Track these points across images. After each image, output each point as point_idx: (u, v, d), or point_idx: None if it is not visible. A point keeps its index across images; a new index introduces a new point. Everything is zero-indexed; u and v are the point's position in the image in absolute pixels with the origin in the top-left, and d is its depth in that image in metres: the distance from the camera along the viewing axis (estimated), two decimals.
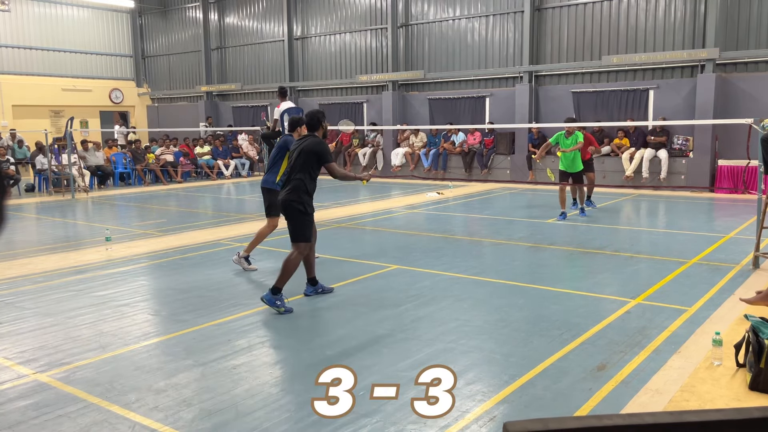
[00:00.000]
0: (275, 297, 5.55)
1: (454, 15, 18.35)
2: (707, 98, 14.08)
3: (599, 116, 15.66)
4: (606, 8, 15.92)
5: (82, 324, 5.34)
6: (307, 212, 5.69)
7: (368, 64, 20.27)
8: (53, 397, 3.88)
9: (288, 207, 5.67)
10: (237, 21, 23.62)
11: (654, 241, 8.78)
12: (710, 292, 6.00)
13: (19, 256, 8.30)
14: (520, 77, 17.24)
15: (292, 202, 5.64)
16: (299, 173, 5.66)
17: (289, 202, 5.65)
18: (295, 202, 5.63)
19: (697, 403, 3.63)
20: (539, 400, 3.74)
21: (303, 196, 5.65)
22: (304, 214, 5.67)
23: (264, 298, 5.57)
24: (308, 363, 4.44)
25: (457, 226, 10.57)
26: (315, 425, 3.46)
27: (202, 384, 4.04)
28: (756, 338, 3.81)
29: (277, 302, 5.55)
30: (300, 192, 5.64)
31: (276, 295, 5.55)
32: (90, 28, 24.84)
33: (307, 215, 5.70)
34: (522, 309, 5.58)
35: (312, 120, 5.85)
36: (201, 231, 10.10)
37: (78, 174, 16.21)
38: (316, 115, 5.87)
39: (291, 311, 5.57)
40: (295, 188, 5.65)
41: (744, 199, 12.42)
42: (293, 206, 5.64)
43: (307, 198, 5.69)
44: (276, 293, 5.55)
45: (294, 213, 5.66)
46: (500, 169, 17.17)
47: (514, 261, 7.65)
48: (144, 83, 26.57)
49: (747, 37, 14.13)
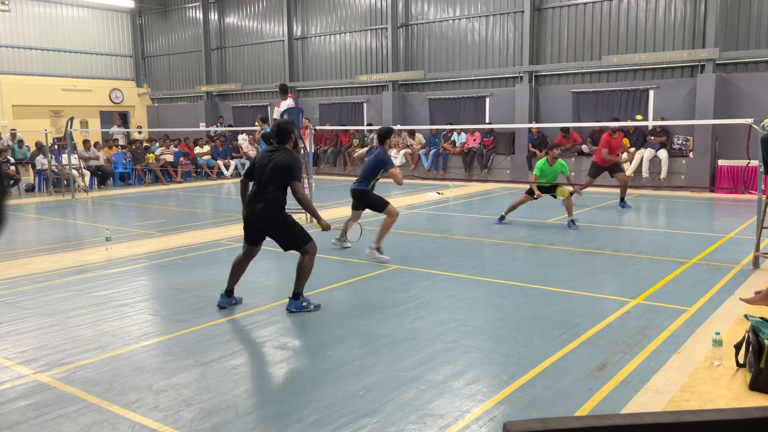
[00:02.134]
0: (300, 301, 5.52)
1: (454, 15, 18.36)
2: (707, 98, 14.09)
3: (599, 116, 15.66)
4: (606, 8, 15.92)
5: (82, 324, 5.34)
6: (290, 219, 5.57)
7: (368, 64, 20.27)
8: (53, 397, 3.88)
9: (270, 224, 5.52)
10: (237, 21, 23.62)
11: (654, 241, 8.78)
12: (710, 292, 6.00)
13: (20, 256, 8.30)
14: (520, 77, 17.24)
15: (273, 217, 5.48)
16: (272, 187, 5.46)
17: (270, 218, 5.48)
18: (276, 216, 5.49)
19: (697, 403, 3.63)
20: (539, 400, 3.74)
21: (280, 211, 5.51)
22: (288, 222, 5.54)
23: (291, 308, 5.52)
24: (308, 363, 4.44)
25: (457, 226, 10.57)
26: (315, 425, 3.46)
27: (202, 384, 4.04)
28: (756, 338, 3.81)
29: (304, 304, 5.53)
30: (277, 208, 5.49)
31: (299, 299, 5.53)
32: (90, 28, 24.84)
33: (292, 221, 5.58)
34: (522, 309, 5.58)
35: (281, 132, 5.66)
36: (201, 231, 10.10)
37: (78, 174, 16.22)
38: (287, 127, 5.73)
39: (320, 306, 5.60)
40: (271, 204, 5.46)
41: (744, 199, 12.42)
42: (275, 221, 5.50)
43: (283, 212, 5.56)
44: (298, 297, 5.54)
45: (279, 227, 5.53)
46: (500, 169, 17.17)
47: (514, 261, 7.65)
48: (144, 83, 26.57)
49: (747, 37, 14.13)
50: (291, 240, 5.57)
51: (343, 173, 19.86)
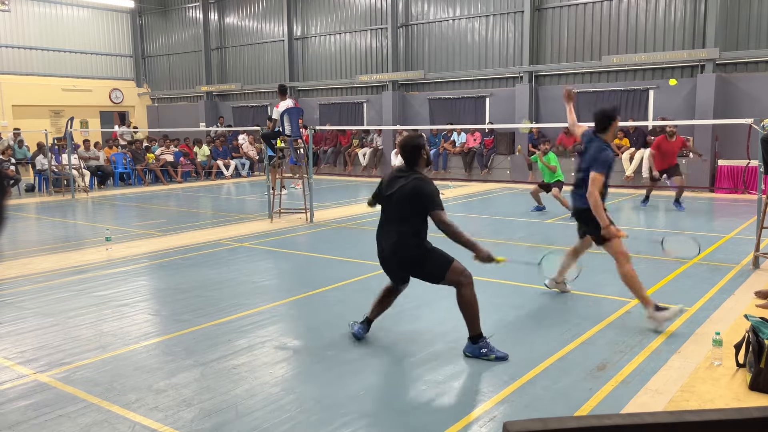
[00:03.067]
0: (478, 346, 4.44)
1: (454, 15, 18.36)
2: (707, 98, 14.09)
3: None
4: (606, 8, 15.93)
5: (82, 324, 5.34)
6: (424, 248, 4.56)
7: (368, 64, 20.27)
8: (53, 397, 3.88)
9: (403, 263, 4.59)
10: (237, 21, 23.62)
11: (654, 241, 8.77)
12: (710, 292, 6.00)
13: (20, 256, 8.29)
14: (520, 77, 17.25)
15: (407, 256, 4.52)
16: (400, 224, 4.49)
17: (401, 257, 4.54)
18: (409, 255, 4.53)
19: (697, 403, 3.63)
20: (539, 400, 3.74)
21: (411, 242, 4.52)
22: (423, 252, 4.54)
23: (467, 352, 4.48)
24: (308, 363, 4.44)
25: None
26: (315, 425, 3.46)
27: (202, 384, 4.04)
28: (756, 338, 3.81)
29: (483, 351, 4.41)
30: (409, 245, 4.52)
31: (478, 343, 4.45)
32: (90, 28, 24.85)
33: (426, 250, 4.56)
34: (522, 309, 5.58)
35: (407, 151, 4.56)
36: (201, 231, 10.10)
37: (78, 174, 16.22)
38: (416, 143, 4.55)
39: (506, 357, 4.38)
40: (400, 244, 4.50)
41: (744, 199, 12.42)
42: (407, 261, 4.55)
43: (416, 240, 4.53)
44: (476, 341, 4.46)
45: (412, 264, 4.57)
46: (500, 169, 17.17)
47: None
48: (144, 83, 26.57)
49: (747, 37, 14.14)
50: (432, 275, 4.60)
51: (343, 173, 19.86)
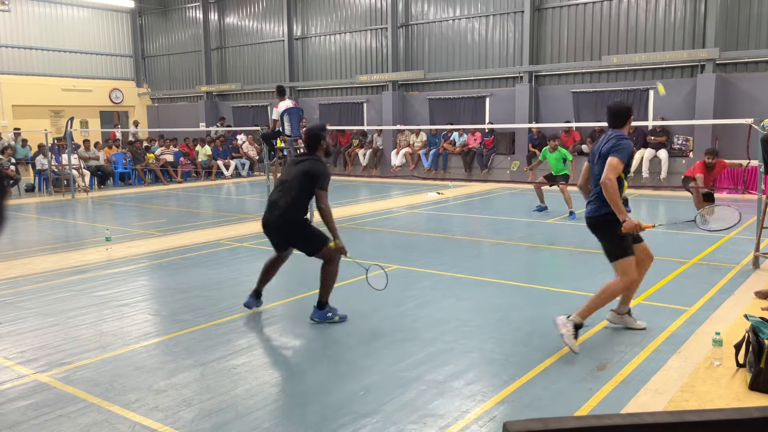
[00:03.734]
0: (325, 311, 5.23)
1: (454, 15, 18.36)
2: (707, 98, 14.09)
3: (599, 116, 15.65)
4: (606, 8, 15.92)
5: (82, 324, 5.34)
6: (305, 221, 5.27)
7: (368, 64, 20.27)
8: (53, 397, 3.88)
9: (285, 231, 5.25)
10: (237, 21, 23.62)
11: (654, 241, 8.76)
12: (710, 292, 5.99)
13: (20, 256, 8.29)
14: (520, 77, 17.25)
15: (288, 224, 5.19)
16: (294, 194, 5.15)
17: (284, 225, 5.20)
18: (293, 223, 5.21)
19: (697, 403, 3.63)
20: (539, 400, 3.74)
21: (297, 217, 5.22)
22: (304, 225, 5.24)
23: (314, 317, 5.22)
24: (308, 363, 4.44)
25: (457, 226, 10.57)
26: (315, 425, 3.46)
27: (202, 384, 4.04)
28: (756, 338, 3.81)
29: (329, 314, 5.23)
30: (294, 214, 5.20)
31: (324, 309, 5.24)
32: (90, 28, 24.84)
33: (306, 222, 5.28)
34: (522, 309, 5.58)
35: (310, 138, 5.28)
36: (201, 231, 10.10)
37: (78, 174, 16.22)
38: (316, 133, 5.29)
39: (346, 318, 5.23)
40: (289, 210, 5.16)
41: (744, 199, 12.42)
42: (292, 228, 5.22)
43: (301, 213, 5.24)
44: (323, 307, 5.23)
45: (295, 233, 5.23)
46: (500, 169, 17.17)
47: (514, 261, 7.64)
48: (144, 83, 26.57)
49: (747, 37, 14.13)
50: (308, 245, 5.22)
51: (343, 173, 19.85)
